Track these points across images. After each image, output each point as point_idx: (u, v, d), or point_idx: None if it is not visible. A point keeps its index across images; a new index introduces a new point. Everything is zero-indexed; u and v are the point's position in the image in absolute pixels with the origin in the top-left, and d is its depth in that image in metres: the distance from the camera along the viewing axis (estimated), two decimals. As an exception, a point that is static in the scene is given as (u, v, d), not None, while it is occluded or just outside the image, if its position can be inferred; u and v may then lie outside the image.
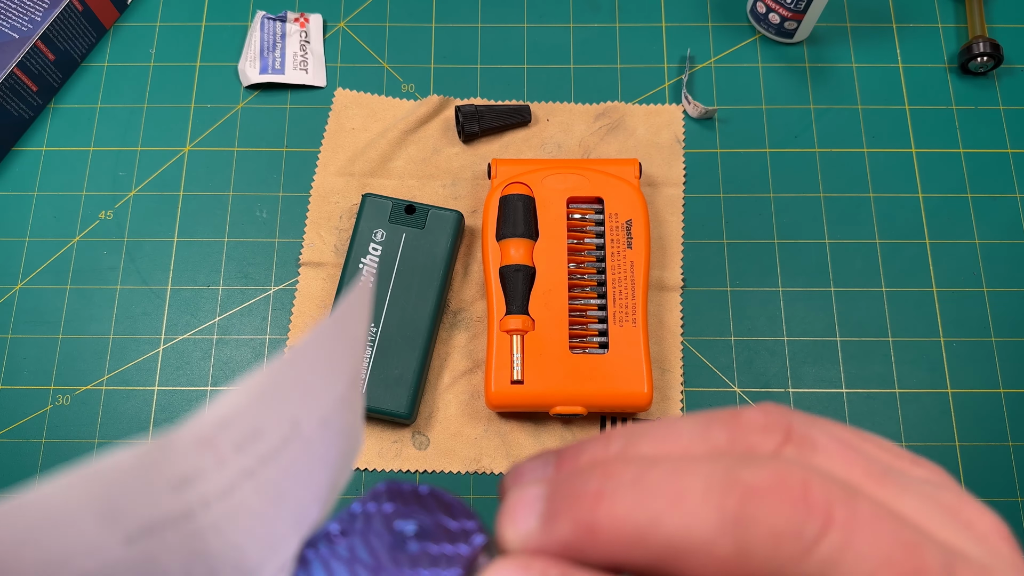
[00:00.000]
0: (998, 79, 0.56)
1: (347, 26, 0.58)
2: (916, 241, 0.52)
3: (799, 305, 0.51)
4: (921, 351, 0.50)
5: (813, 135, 0.55)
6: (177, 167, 0.54)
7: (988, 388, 0.49)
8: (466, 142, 0.54)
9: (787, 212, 0.53)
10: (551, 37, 0.58)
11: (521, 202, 0.49)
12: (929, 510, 0.16)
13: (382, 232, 0.49)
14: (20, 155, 0.55)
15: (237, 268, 0.52)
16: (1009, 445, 0.48)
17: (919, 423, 0.48)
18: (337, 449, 0.19)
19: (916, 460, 0.18)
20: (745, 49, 0.57)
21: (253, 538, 0.17)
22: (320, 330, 0.16)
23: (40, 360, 0.50)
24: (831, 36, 0.58)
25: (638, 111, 0.55)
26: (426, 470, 0.47)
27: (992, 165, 0.54)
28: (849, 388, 0.49)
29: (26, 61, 0.53)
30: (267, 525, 0.17)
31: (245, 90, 0.56)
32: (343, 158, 0.54)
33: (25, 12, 0.53)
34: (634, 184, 0.50)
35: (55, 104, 0.56)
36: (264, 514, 0.17)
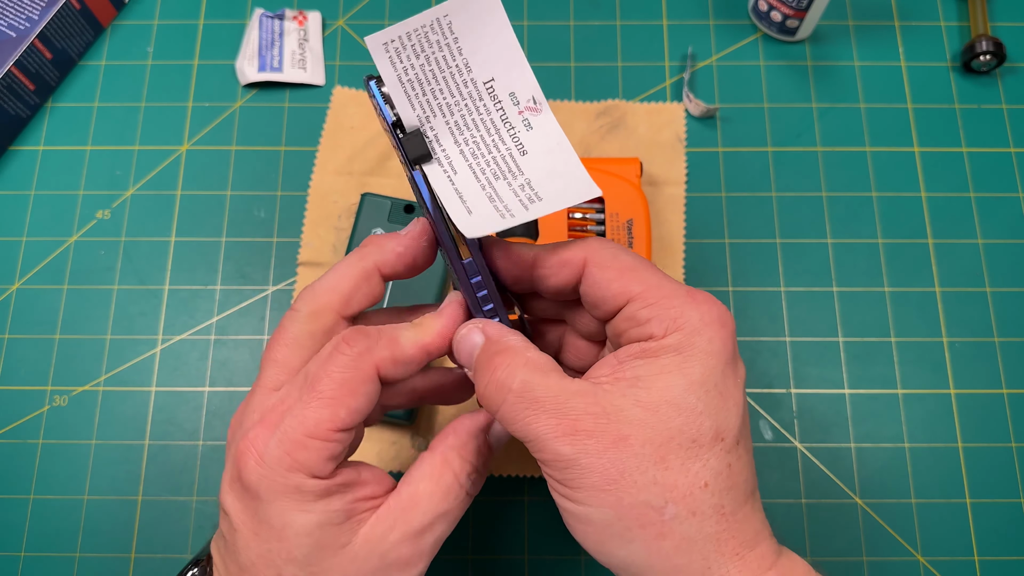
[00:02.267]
0: (1001, 78, 0.56)
1: (346, 24, 0.58)
2: (919, 241, 0.52)
3: (801, 305, 0.51)
4: (924, 351, 0.50)
5: (815, 134, 0.55)
6: (175, 166, 0.54)
7: (991, 389, 0.49)
8: (466, 141, 0.54)
9: (789, 211, 0.53)
10: (551, 34, 0.57)
11: (521, 201, 0.48)
12: None
13: (381, 231, 0.49)
14: (17, 154, 0.54)
15: (235, 268, 0.52)
16: (1012, 446, 0.48)
17: (922, 424, 0.48)
18: None
19: None
20: (747, 47, 0.57)
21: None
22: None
23: (37, 360, 0.50)
24: (833, 34, 0.57)
25: (639, 109, 0.55)
26: (425, 471, 0.47)
27: (995, 164, 0.54)
28: (852, 389, 0.49)
29: (23, 60, 0.52)
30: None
31: (243, 88, 0.56)
32: (342, 157, 0.54)
33: (22, 10, 0.53)
34: (635, 183, 0.49)
35: (52, 103, 0.56)
36: None
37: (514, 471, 0.47)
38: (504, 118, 0.30)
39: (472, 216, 0.29)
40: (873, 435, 0.48)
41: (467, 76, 0.30)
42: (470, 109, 0.30)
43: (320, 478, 0.29)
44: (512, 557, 0.46)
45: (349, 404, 0.29)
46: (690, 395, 0.27)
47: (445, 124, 0.30)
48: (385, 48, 0.29)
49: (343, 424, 0.29)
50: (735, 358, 0.29)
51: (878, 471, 0.47)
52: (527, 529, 0.46)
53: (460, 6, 0.29)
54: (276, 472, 0.29)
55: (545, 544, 0.46)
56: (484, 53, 0.30)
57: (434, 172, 0.30)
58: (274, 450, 0.29)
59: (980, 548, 0.46)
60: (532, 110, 0.30)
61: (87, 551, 0.46)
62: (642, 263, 0.30)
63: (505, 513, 0.47)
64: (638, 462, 0.27)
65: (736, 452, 0.28)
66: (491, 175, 0.30)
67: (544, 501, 0.47)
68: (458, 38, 0.29)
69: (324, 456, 0.29)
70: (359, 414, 0.30)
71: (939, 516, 0.47)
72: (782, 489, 0.47)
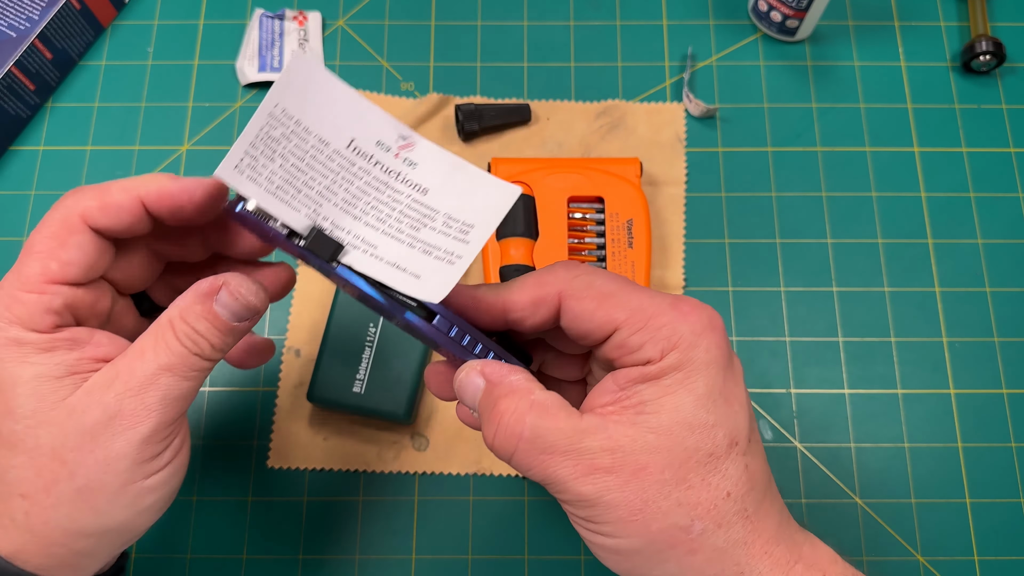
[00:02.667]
0: (1001, 78, 0.56)
1: (346, 24, 0.58)
2: (919, 241, 0.52)
3: (801, 305, 0.51)
4: (924, 351, 0.50)
5: (815, 134, 0.55)
6: (175, 166, 0.54)
7: (991, 389, 0.49)
8: (466, 141, 0.54)
9: (789, 211, 0.53)
10: (551, 35, 0.57)
11: (521, 201, 0.48)
12: None
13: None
14: (17, 154, 0.54)
15: (235, 268, 0.52)
16: (1012, 446, 0.48)
17: (922, 424, 0.48)
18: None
19: None
20: (747, 47, 0.57)
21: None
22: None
23: (37, 360, 0.50)
24: (833, 34, 0.57)
25: (639, 110, 0.55)
26: (426, 471, 0.47)
27: (995, 164, 0.54)
28: (851, 389, 0.49)
29: (23, 60, 0.52)
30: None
31: (243, 89, 0.56)
32: (342, 157, 0.54)
33: (23, 10, 0.53)
34: (635, 183, 0.49)
35: (52, 103, 0.56)
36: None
37: (514, 471, 0.47)
38: (386, 169, 0.29)
39: (423, 280, 0.28)
40: (873, 435, 0.48)
41: (328, 150, 0.28)
42: (349, 179, 0.29)
43: (40, 331, 0.29)
44: (512, 557, 0.46)
45: (60, 256, 0.30)
46: (700, 411, 0.27)
47: (335, 207, 0.29)
48: (239, 171, 0.27)
49: (55, 276, 0.30)
50: (731, 356, 0.29)
51: (878, 471, 0.47)
52: (527, 529, 0.46)
53: (283, 89, 0.27)
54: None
55: (545, 544, 0.46)
56: (330, 119, 0.28)
57: (355, 259, 0.29)
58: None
59: (980, 548, 0.46)
60: (406, 147, 0.29)
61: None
62: (618, 284, 0.29)
63: (505, 513, 0.47)
64: (660, 488, 0.27)
65: (751, 451, 0.28)
66: (410, 230, 0.29)
67: (544, 501, 0.47)
68: (299, 120, 0.28)
69: (40, 309, 0.29)
70: (74, 267, 0.30)
71: (939, 516, 0.47)
72: (782, 489, 0.47)
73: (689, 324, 0.28)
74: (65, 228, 0.30)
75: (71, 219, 0.30)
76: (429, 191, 0.29)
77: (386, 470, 0.47)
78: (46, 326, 0.29)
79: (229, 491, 0.47)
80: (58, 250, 0.30)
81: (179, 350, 0.30)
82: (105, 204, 0.30)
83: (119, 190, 0.30)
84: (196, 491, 0.47)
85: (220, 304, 0.30)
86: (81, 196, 0.30)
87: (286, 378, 0.49)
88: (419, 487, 0.47)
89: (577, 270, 0.29)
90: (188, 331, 0.30)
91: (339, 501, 0.47)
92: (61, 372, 0.29)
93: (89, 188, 0.31)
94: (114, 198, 0.30)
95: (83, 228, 0.30)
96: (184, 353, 0.30)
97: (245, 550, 0.46)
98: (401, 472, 0.47)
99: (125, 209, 0.30)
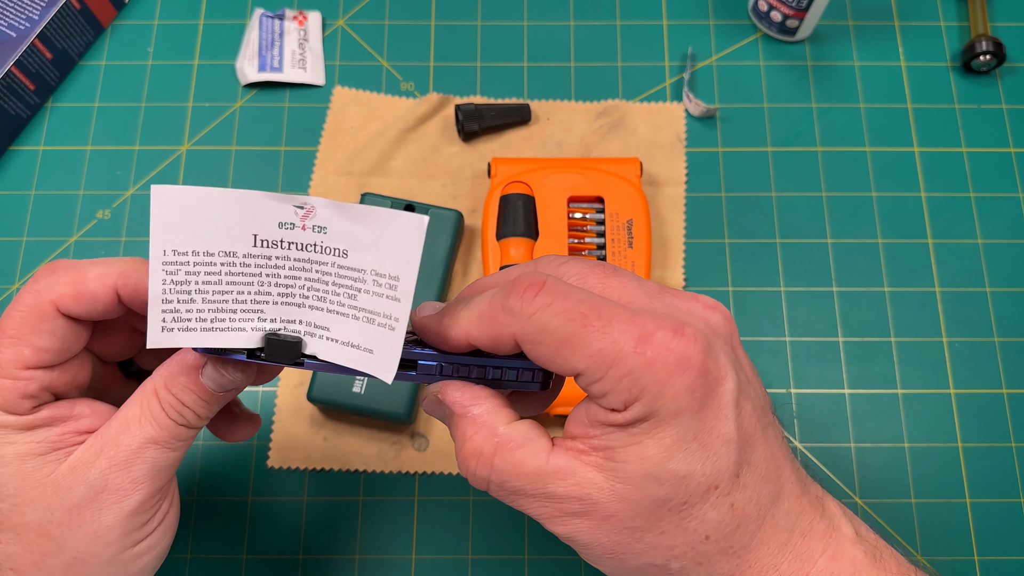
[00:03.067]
0: (1001, 78, 0.56)
1: (346, 24, 0.58)
2: (919, 241, 0.52)
3: (801, 305, 0.51)
4: (924, 351, 0.50)
5: (815, 134, 0.55)
6: (175, 166, 0.54)
7: (991, 389, 0.49)
8: (466, 141, 0.54)
9: (789, 211, 0.53)
10: (551, 35, 0.57)
11: (521, 201, 0.48)
12: (641, 293, 0.28)
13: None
14: (17, 154, 0.54)
15: (235, 268, 0.52)
16: (1012, 446, 0.48)
17: (922, 424, 0.48)
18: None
19: (690, 295, 0.29)
20: (747, 47, 0.57)
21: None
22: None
23: (37, 360, 0.50)
24: (833, 34, 0.57)
25: (639, 109, 0.55)
26: (426, 471, 0.47)
27: (995, 164, 0.54)
28: (851, 389, 0.49)
29: (23, 60, 0.52)
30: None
31: (243, 89, 0.56)
32: (342, 157, 0.54)
33: (22, 10, 0.53)
34: (635, 183, 0.49)
35: (52, 103, 0.56)
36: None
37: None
38: (301, 247, 0.27)
39: (376, 355, 0.27)
40: (873, 435, 0.48)
41: (239, 258, 0.27)
42: (274, 273, 0.27)
43: (18, 415, 0.29)
44: (512, 557, 0.46)
45: (33, 342, 0.29)
46: (669, 463, 0.25)
47: (276, 305, 0.28)
48: (167, 331, 0.26)
49: (29, 363, 0.29)
50: (708, 394, 0.25)
51: (878, 471, 0.47)
52: (527, 529, 0.46)
53: (160, 231, 0.25)
54: None
55: (545, 544, 0.46)
56: (223, 229, 0.26)
57: (316, 347, 0.28)
58: None
59: (980, 548, 0.46)
60: (308, 215, 0.26)
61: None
62: (575, 323, 0.25)
63: (505, 513, 0.47)
64: (631, 533, 0.26)
65: (738, 486, 0.26)
66: (349, 300, 0.27)
67: (544, 501, 0.47)
68: (193, 250, 0.26)
69: (16, 395, 0.29)
70: (49, 352, 0.30)
71: (939, 516, 0.47)
72: (782, 489, 0.47)
73: (654, 372, 0.25)
74: (36, 314, 0.29)
75: (43, 305, 0.29)
76: (348, 251, 0.27)
77: (386, 470, 0.47)
78: (24, 409, 0.29)
79: (229, 491, 0.47)
80: (31, 336, 0.29)
81: (165, 422, 0.30)
82: (79, 293, 0.29)
83: (96, 278, 0.30)
84: (196, 491, 0.47)
85: (206, 377, 0.30)
86: (55, 281, 0.30)
87: (286, 378, 0.49)
88: (419, 487, 0.47)
89: (527, 306, 0.26)
90: (174, 402, 0.30)
91: (339, 501, 0.47)
92: (44, 449, 0.29)
93: (64, 270, 0.30)
94: (89, 287, 0.30)
95: (55, 315, 0.30)
96: (171, 425, 0.30)
97: (245, 550, 0.46)
98: (401, 472, 0.47)
99: (100, 299, 0.30)
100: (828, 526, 0.28)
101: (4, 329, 0.29)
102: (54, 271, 0.30)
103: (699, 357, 0.25)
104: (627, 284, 0.28)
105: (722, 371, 0.26)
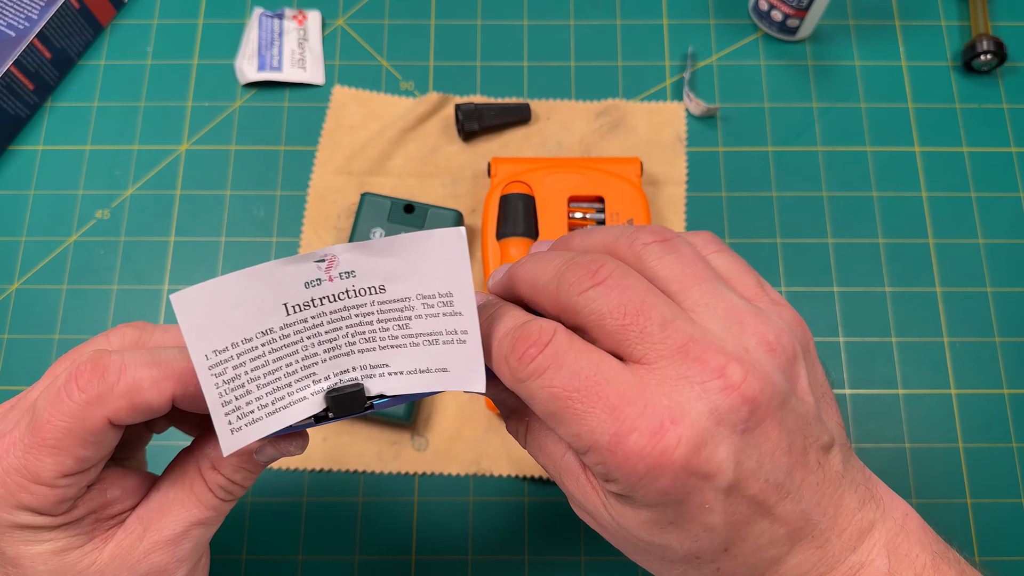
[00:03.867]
0: (1002, 77, 0.56)
1: (345, 23, 0.58)
2: (920, 240, 0.52)
3: (802, 305, 0.51)
4: (925, 351, 0.50)
5: (816, 133, 0.55)
6: (174, 166, 0.54)
7: (992, 389, 0.49)
8: (466, 140, 0.54)
9: (790, 211, 0.53)
10: (551, 34, 0.57)
11: (521, 201, 0.48)
12: (716, 306, 0.26)
13: (381, 231, 0.49)
14: (16, 154, 0.54)
15: (234, 267, 0.52)
16: (1013, 446, 0.48)
17: (923, 424, 0.48)
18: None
19: (775, 297, 0.28)
20: (747, 47, 0.57)
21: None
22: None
23: (36, 361, 0.50)
24: (834, 34, 0.57)
25: (639, 109, 0.55)
26: (425, 472, 0.47)
27: (996, 164, 0.54)
28: (852, 389, 0.49)
29: (22, 59, 0.52)
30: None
31: (242, 88, 0.56)
32: (341, 157, 0.54)
33: (22, 10, 0.53)
34: (635, 183, 0.49)
35: (51, 102, 0.56)
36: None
37: (514, 471, 0.47)
38: (334, 298, 0.26)
39: (452, 371, 0.27)
40: (874, 435, 0.48)
41: (277, 333, 0.26)
42: (316, 334, 0.27)
43: (53, 516, 0.27)
44: (512, 558, 0.46)
45: (77, 453, 0.26)
46: (644, 533, 0.25)
47: (326, 362, 0.27)
48: (235, 432, 0.26)
49: (71, 471, 0.27)
50: (690, 492, 0.24)
51: (878, 471, 0.47)
52: (527, 529, 0.46)
53: (195, 337, 0.24)
54: (1, 508, 0.27)
55: (545, 544, 0.46)
56: (252, 310, 0.25)
57: (379, 385, 0.28)
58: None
59: (981, 548, 0.46)
60: (331, 265, 0.26)
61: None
62: (558, 402, 0.25)
63: (505, 514, 0.47)
64: (624, 547, 0.28)
65: (727, 557, 0.25)
66: (401, 331, 0.27)
67: (544, 501, 0.47)
68: (232, 342, 0.25)
69: (52, 501, 0.27)
70: (92, 461, 0.27)
71: (940, 516, 0.46)
72: (782, 489, 0.47)
73: (624, 472, 0.24)
74: (85, 428, 0.26)
75: (94, 421, 0.26)
76: (385, 285, 0.26)
77: (386, 471, 0.47)
78: (59, 512, 0.28)
79: (228, 491, 0.47)
80: (75, 448, 0.26)
81: (213, 502, 0.29)
82: (134, 406, 0.26)
83: (152, 388, 0.27)
84: (195, 491, 0.47)
85: (263, 455, 0.29)
86: (107, 392, 0.26)
87: (285, 378, 0.49)
88: (419, 488, 0.47)
89: (525, 370, 0.25)
90: (224, 483, 0.29)
91: (339, 502, 0.47)
92: (82, 541, 0.28)
93: (115, 376, 0.26)
94: (144, 399, 0.26)
95: (106, 429, 0.27)
96: (218, 504, 0.29)
97: (245, 550, 0.46)
98: (401, 473, 0.47)
99: (156, 410, 0.27)
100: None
101: (44, 436, 0.26)
102: (102, 376, 0.26)
103: (681, 459, 0.23)
104: (714, 290, 0.26)
105: (714, 467, 0.24)
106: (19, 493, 0.27)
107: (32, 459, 0.26)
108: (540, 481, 0.47)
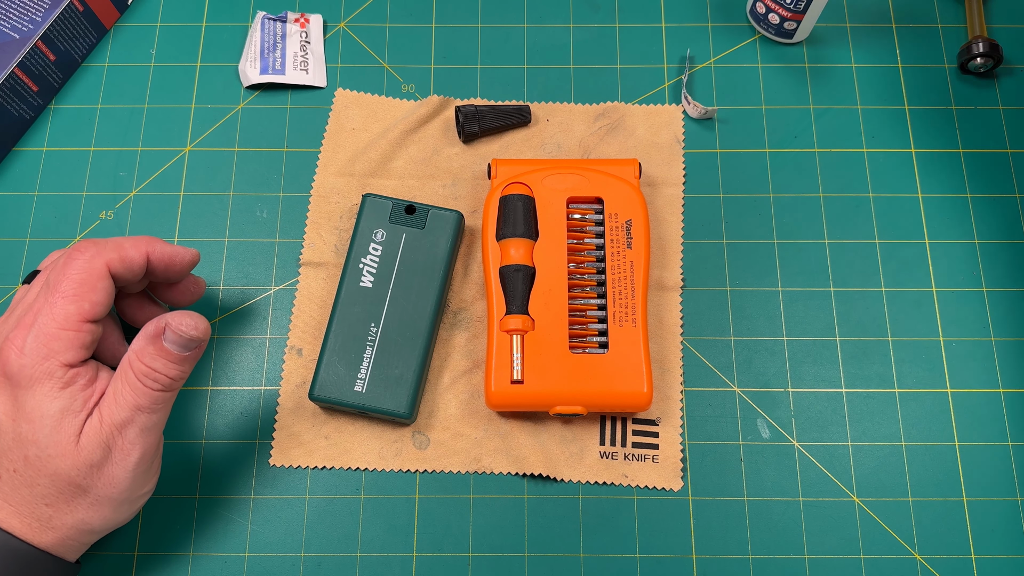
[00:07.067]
0: (997, 79, 0.56)
1: (347, 26, 0.58)
2: (915, 241, 0.52)
3: (798, 305, 0.51)
4: (920, 351, 0.50)
5: (813, 135, 0.55)
6: (177, 167, 0.54)
7: (987, 388, 0.49)
8: (466, 142, 0.54)
9: (786, 212, 0.53)
10: (551, 37, 0.58)
11: (521, 202, 0.49)
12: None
13: (382, 232, 0.49)
14: (20, 155, 0.55)
15: (237, 268, 0.52)
16: (1008, 445, 0.48)
17: (918, 423, 0.49)
18: None
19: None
20: (745, 49, 0.57)
21: None
22: None
23: (41, 360, 0.50)
24: (831, 36, 0.58)
25: (638, 111, 0.55)
26: (426, 470, 0.47)
27: (992, 165, 0.54)
28: (848, 388, 0.49)
29: (27, 61, 0.53)
30: None
31: (245, 90, 0.56)
32: (343, 158, 0.54)
33: (26, 12, 0.53)
34: (634, 184, 0.50)
35: (56, 104, 0.56)
36: None
37: (514, 469, 0.47)
38: None
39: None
40: (870, 434, 0.48)
41: None
42: None
43: (70, 365, 0.36)
44: (512, 555, 0.46)
45: (91, 298, 0.36)
46: None
47: None
48: None
49: (89, 315, 0.36)
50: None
51: (875, 469, 0.48)
52: (527, 527, 0.47)
53: None
54: (35, 360, 0.35)
55: (545, 542, 0.46)
56: None
57: None
58: (31, 343, 0.35)
59: (977, 546, 0.46)
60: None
61: (94, 550, 0.47)
62: None
63: (505, 511, 0.47)
64: None
65: None
66: None
67: (544, 499, 0.47)
68: None
69: (76, 344, 0.36)
70: (101, 306, 0.37)
71: (936, 514, 0.47)
72: (779, 487, 0.47)
73: None
74: (93, 275, 0.37)
75: (97, 268, 0.37)
76: None
77: (387, 468, 0.47)
78: (78, 360, 0.36)
79: (231, 489, 0.47)
80: (88, 293, 0.37)
81: (143, 390, 0.37)
82: (123, 258, 0.38)
83: (131, 247, 0.39)
84: (199, 489, 0.47)
85: (168, 341, 0.37)
86: (102, 249, 0.38)
87: (288, 377, 0.49)
88: (420, 485, 0.47)
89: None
90: (146, 370, 0.37)
91: (340, 499, 0.47)
92: (78, 407, 0.36)
93: (104, 242, 0.38)
94: (128, 253, 0.39)
95: (107, 275, 0.37)
96: (147, 392, 0.37)
97: (247, 547, 0.46)
98: (402, 470, 0.48)
99: (137, 263, 0.39)
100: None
101: (61, 291, 0.36)
102: (95, 243, 0.38)
103: None
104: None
105: None
106: (51, 342, 0.35)
107: (59, 310, 0.36)
108: (540, 478, 0.47)
